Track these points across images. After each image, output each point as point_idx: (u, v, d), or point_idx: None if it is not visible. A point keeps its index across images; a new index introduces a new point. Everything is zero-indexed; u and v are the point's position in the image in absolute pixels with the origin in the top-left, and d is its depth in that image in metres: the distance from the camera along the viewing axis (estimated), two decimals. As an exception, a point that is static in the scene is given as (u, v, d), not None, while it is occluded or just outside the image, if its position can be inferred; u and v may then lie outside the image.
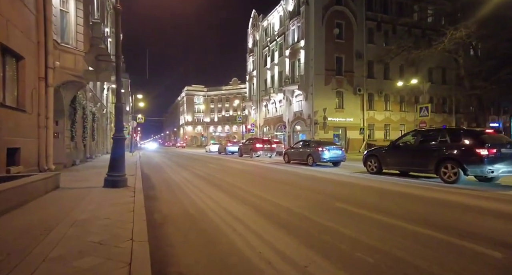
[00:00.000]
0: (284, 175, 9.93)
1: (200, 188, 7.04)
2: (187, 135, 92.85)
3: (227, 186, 7.28)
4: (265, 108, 38.12)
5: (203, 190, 6.81)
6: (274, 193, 6.24)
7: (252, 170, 11.50)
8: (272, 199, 5.49)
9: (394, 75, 30.35)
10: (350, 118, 28.32)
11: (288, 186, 7.37)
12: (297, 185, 7.49)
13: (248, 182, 7.93)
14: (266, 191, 6.43)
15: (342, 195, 5.98)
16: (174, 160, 18.77)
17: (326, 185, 7.59)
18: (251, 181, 8.31)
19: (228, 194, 6.08)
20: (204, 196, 5.99)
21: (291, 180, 8.44)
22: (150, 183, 8.31)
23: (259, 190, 6.62)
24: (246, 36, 44.04)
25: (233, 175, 9.74)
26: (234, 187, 7.17)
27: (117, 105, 7.24)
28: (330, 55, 27.80)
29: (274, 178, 8.87)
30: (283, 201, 5.25)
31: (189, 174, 10.20)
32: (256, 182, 8.01)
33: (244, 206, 4.95)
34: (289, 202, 5.15)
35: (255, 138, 21.51)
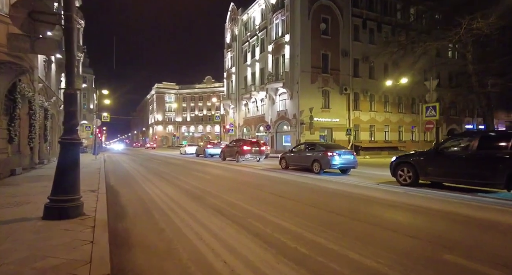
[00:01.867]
0: (303, 189, 7.83)
1: (196, 217, 4.73)
2: (157, 135, 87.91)
3: (233, 211, 5.01)
4: (245, 107, 35.90)
5: (202, 220, 4.51)
6: (328, 229, 4.07)
7: (252, 181, 9.28)
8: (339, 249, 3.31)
9: (379, 75, 29.65)
10: (336, 119, 27.03)
11: (322, 210, 5.25)
12: (331, 207, 5.40)
13: (260, 203, 5.70)
14: (310, 226, 4.25)
15: (431, 233, 3.96)
16: (147, 165, 15.96)
17: (367, 206, 5.59)
18: (262, 200, 6.09)
19: (246, 232, 3.81)
20: (209, 235, 3.73)
21: (318, 199, 6.34)
22: (119, 205, 5.82)
23: (290, 219, 4.40)
24: (223, 31, 41.56)
25: (232, 190, 7.47)
26: (243, 212, 4.91)
27: (66, 92, 4.68)
28: (316, 52, 26.30)
29: (298, 196, 6.73)
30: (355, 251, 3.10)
31: (171, 188, 7.76)
32: (275, 203, 5.80)
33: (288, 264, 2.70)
34: (372, 256, 3.01)
35: (242, 140, 19.25)
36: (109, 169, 14.02)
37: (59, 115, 20.62)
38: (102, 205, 5.54)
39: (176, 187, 8.05)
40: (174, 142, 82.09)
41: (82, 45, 30.02)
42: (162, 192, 7.29)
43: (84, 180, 9.36)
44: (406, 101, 31.38)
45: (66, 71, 4.87)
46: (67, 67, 4.85)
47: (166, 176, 10.81)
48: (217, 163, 17.43)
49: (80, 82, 29.65)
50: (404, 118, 31.17)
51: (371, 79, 29.20)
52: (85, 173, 11.30)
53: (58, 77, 20.98)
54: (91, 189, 7.43)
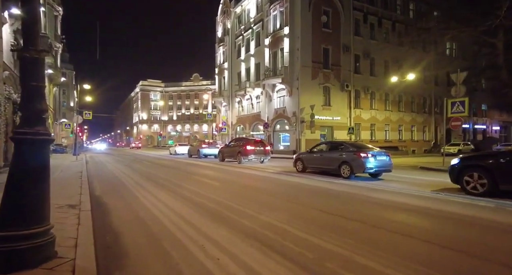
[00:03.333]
0: (346, 201, 6.17)
1: (235, 255, 2.92)
2: (142, 135, 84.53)
3: (289, 244, 3.17)
4: (239, 105, 34.05)
5: (250, 263, 2.70)
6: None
7: (273, 189, 7.54)
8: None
9: (379, 72, 28.60)
10: (337, 117, 25.68)
11: (413, 239, 3.56)
12: (415, 231, 3.72)
13: (312, 226, 3.93)
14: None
15: None
16: (137, 167, 13.89)
17: (460, 227, 3.98)
18: (311, 221, 4.33)
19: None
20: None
21: (383, 217, 4.68)
22: (112, 232, 3.94)
23: (384, 260, 2.67)
24: (211, 27, 39.56)
25: (258, 203, 5.65)
26: (305, 247, 3.08)
27: (24, 54, 2.81)
28: (317, 46, 24.84)
29: (352, 213, 5.04)
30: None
31: (176, 200, 5.90)
32: (333, 226, 4.04)
33: None
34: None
35: (244, 139, 17.42)
36: (93, 172, 11.90)
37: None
38: (86, 234, 3.68)
39: (182, 198, 6.20)
40: (160, 141, 79.00)
41: (60, 35, 27.28)
42: (166, 207, 5.43)
43: (62, 189, 7.35)
44: (406, 100, 30.50)
45: (24, 24, 3.02)
46: (27, 17, 3.00)
47: (163, 181, 8.89)
48: (216, 164, 15.57)
49: (59, 76, 26.89)
50: (404, 117, 30.28)
51: (372, 76, 28.08)
52: (63, 178, 9.22)
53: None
54: (70, 203, 5.52)
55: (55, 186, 7.69)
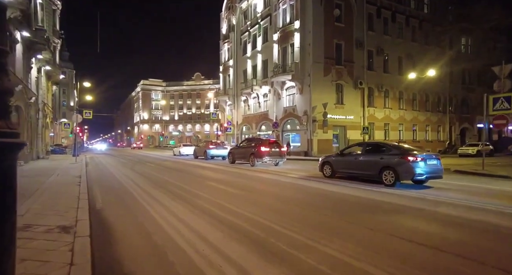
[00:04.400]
0: (428, 222, 4.89)
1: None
2: (143, 135, 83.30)
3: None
4: (245, 104, 32.76)
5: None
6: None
7: (312, 201, 6.27)
8: None
9: (393, 69, 27.33)
10: (350, 116, 24.39)
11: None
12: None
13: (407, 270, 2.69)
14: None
15: None
16: (142, 170, 12.61)
17: None
18: (400, 257, 3.06)
19: None
20: None
21: (494, 249, 3.41)
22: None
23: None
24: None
25: (308, 224, 4.35)
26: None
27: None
28: (330, 41, 23.55)
29: (449, 244, 3.76)
30: None
31: (201, 219, 4.60)
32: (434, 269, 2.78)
33: None
34: None
35: (257, 139, 16.12)
36: (93, 176, 10.64)
37: (28, 108, 16.86)
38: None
39: (204, 214, 4.93)
40: (161, 142, 77.79)
41: (59, 30, 26.04)
42: (187, 228, 4.16)
43: (55, 200, 6.06)
44: (420, 98, 29.19)
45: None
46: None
47: (174, 188, 7.62)
48: (227, 167, 14.29)
49: (58, 72, 25.64)
50: (418, 116, 28.97)
51: (385, 73, 26.78)
52: (58, 185, 7.95)
53: (28, 62, 17.20)
54: (62, 223, 4.28)
55: (47, 196, 6.43)
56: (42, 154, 21.97)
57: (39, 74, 20.60)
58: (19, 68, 15.43)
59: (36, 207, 5.34)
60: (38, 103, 20.29)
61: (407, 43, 27.80)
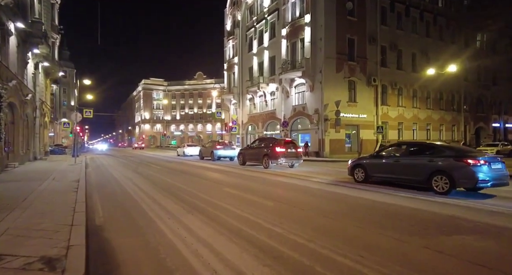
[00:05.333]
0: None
1: None
2: (144, 135, 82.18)
3: None
4: (250, 102, 31.59)
5: None
6: None
7: (362, 216, 5.09)
8: None
9: (407, 65, 26.13)
10: (363, 115, 23.20)
11: None
12: None
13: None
14: None
15: None
16: (146, 173, 11.43)
17: None
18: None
19: None
20: None
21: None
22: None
23: None
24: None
25: (363, 246, 3.19)
26: None
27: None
28: (342, 35, 22.36)
29: None
30: None
31: (226, 240, 3.42)
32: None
33: None
34: None
35: (271, 139, 14.89)
36: (93, 181, 9.49)
37: (23, 106, 15.72)
38: None
39: (239, 238, 3.75)
40: (163, 142, 76.68)
41: (58, 25, 24.92)
42: (226, 264, 2.98)
43: (45, 214, 4.93)
44: (434, 96, 27.97)
45: None
46: None
47: (187, 197, 6.46)
48: (239, 169, 13.13)
49: (56, 69, 24.50)
50: (433, 115, 27.75)
51: (399, 70, 25.57)
52: (52, 192, 6.76)
53: (23, 56, 16.07)
54: (48, 253, 3.16)
55: (36, 208, 5.27)
56: (40, 154, 20.85)
57: (36, 70, 19.47)
58: (13, 62, 14.30)
59: (19, 224, 4.19)
60: (35, 101, 19.16)
61: (421, 39, 26.60)
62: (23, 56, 16.32)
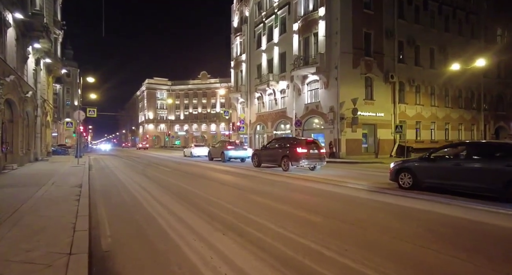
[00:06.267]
0: None
1: None
2: (148, 135, 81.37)
3: None
4: (259, 101, 30.45)
5: None
6: None
7: (450, 238, 3.94)
8: None
9: (425, 61, 24.82)
10: (380, 113, 21.97)
11: None
12: None
13: None
14: None
15: None
16: (156, 177, 10.29)
17: None
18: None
19: None
20: None
21: None
22: None
23: None
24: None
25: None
26: None
27: None
28: (358, 29, 21.15)
29: None
30: None
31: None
32: None
33: None
34: None
35: (290, 138, 13.67)
36: (97, 186, 8.39)
37: (23, 103, 14.71)
38: None
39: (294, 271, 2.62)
40: (167, 142, 75.78)
41: (60, 21, 23.95)
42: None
43: (37, 233, 3.82)
44: (453, 94, 26.65)
45: None
46: None
47: (211, 208, 5.33)
48: (256, 172, 11.99)
49: (59, 66, 23.52)
50: (451, 113, 26.42)
51: (416, 67, 24.29)
52: (51, 200, 5.62)
53: (23, 50, 15.07)
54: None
55: (26, 224, 4.17)
56: (42, 155, 19.87)
57: (38, 66, 18.48)
58: (11, 56, 13.29)
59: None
60: (37, 99, 18.18)
61: (439, 34, 25.29)
62: (23, 51, 15.33)
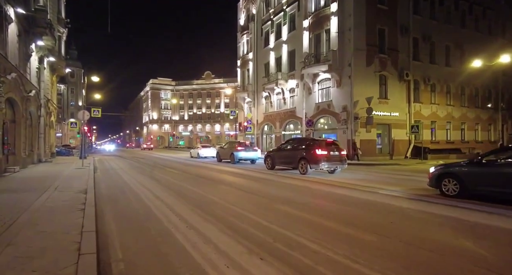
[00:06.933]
0: None
1: None
2: (152, 135, 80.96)
3: None
4: (266, 101, 29.68)
5: None
6: None
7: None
8: None
9: (440, 59, 23.90)
10: (395, 113, 21.10)
11: None
12: None
13: None
14: None
15: None
16: (166, 181, 9.52)
17: None
18: None
19: None
20: None
21: None
22: None
23: None
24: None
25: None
26: None
27: None
28: (372, 26, 20.30)
29: None
30: None
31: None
32: None
33: None
34: None
35: (309, 139, 12.79)
36: (104, 191, 7.64)
37: (26, 103, 14.07)
38: None
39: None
40: (172, 142, 75.24)
41: (64, 19, 23.38)
42: None
43: (32, 257, 3.14)
44: (469, 93, 25.68)
45: None
46: None
47: (240, 222, 4.53)
48: (272, 175, 11.22)
49: (63, 65, 22.95)
50: (468, 113, 25.45)
51: (432, 64, 23.37)
52: (53, 210, 4.81)
53: (25, 47, 14.44)
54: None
55: (23, 243, 3.46)
56: (46, 156, 19.26)
57: (41, 65, 17.87)
58: (13, 53, 12.65)
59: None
60: (40, 98, 17.56)
61: (455, 30, 24.36)
62: (26, 48, 14.69)
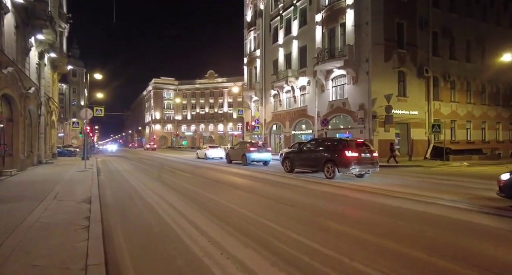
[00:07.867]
0: None
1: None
2: (155, 135, 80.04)
3: None
4: (275, 99, 28.60)
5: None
6: None
7: None
8: None
9: (461, 54, 22.73)
10: (414, 111, 19.97)
11: None
12: None
13: None
14: None
15: None
16: (178, 185, 8.39)
17: None
18: None
19: None
20: None
21: None
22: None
23: None
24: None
25: None
26: None
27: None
28: (390, 19, 19.19)
29: None
30: None
31: None
32: None
33: None
34: None
35: (335, 139, 11.58)
36: (110, 198, 6.53)
37: (24, 100, 13.05)
38: None
39: None
40: (175, 142, 74.32)
41: (66, 13, 22.41)
42: None
43: None
44: (490, 90, 24.48)
45: None
46: None
47: (278, 241, 3.39)
48: (292, 179, 10.13)
49: (64, 62, 22.00)
50: (488, 111, 24.27)
51: (451, 60, 22.21)
52: (49, 227, 3.79)
53: (24, 41, 13.43)
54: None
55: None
56: (46, 157, 18.27)
57: (41, 60, 16.88)
58: (10, 46, 11.64)
59: None
60: (40, 96, 16.56)
61: (476, 23, 23.18)
62: (24, 42, 13.68)
